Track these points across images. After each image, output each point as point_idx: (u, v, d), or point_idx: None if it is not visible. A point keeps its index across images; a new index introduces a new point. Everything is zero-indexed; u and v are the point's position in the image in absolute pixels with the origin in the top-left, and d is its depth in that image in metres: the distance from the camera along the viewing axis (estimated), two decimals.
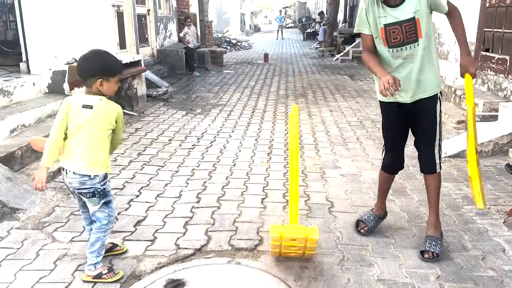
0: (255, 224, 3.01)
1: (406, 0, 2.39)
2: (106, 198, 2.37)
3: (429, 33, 2.44)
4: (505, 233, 2.85)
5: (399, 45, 2.43)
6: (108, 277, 2.36)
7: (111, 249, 2.64)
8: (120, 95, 6.34)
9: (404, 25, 2.38)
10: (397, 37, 2.41)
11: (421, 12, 2.36)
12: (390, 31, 2.42)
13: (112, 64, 2.28)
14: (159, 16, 10.37)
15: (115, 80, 2.27)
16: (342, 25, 18.91)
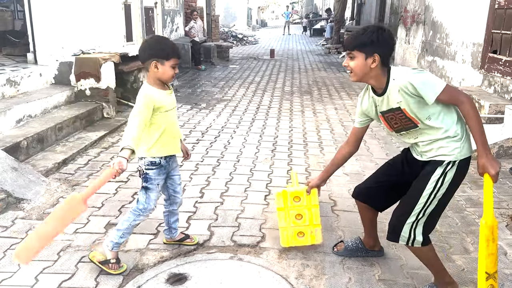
0: (257, 220, 3.02)
1: (387, 89, 2.06)
2: (147, 183, 2.38)
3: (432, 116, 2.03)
4: (507, 236, 2.85)
5: (402, 129, 2.14)
6: (112, 269, 2.38)
7: (183, 239, 2.68)
8: (126, 87, 6.36)
9: (396, 113, 2.09)
10: (397, 122, 2.13)
11: (406, 102, 2.01)
12: (388, 117, 2.14)
13: (163, 47, 2.27)
14: (166, 9, 10.36)
15: (171, 64, 2.24)
16: (349, 23, 18.82)
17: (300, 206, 2.58)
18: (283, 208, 2.59)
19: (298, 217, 2.59)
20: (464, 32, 7.00)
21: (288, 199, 2.57)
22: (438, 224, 2.99)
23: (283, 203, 2.58)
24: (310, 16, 32.46)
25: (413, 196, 2.11)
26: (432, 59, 8.50)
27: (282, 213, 2.59)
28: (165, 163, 2.41)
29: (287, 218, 2.59)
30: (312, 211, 2.59)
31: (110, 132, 4.99)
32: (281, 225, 2.60)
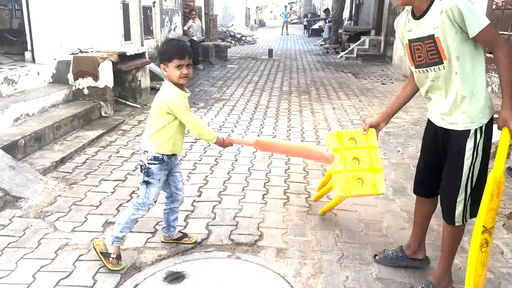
0: (255, 219, 3.02)
1: (429, 11, 1.96)
2: (148, 178, 2.40)
3: (461, 57, 1.92)
4: (504, 235, 2.86)
5: (423, 65, 2.04)
6: (111, 263, 2.39)
7: (180, 238, 2.69)
8: (124, 86, 6.36)
9: (425, 43, 1.98)
10: (421, 55, 2.02)
11: (443, 29, 1.90)
12: (414, 47, 2.04)
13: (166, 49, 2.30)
14: (165, 9, 10.36)
15: (174, 65, 2.25)
16: (347, 23, 18.84)
17: (357, 149, 2.28)
18: (338, 149, 2.28)
19: (355, 161, 2.26)
20: None
21: (343, 140, 2.27)
22: (435, 223, 3.03)
23: (338, 143, 2.28)
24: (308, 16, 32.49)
25: (455, 175, 2.05)
26: None
27: (337, 155, 2.28)
28: (168, 159, 2.41)
29: (342, 162, 2.26)
30: (372, 154, 2.27)
31: (108, 131, 4.99)
32: (336, 169, 2.27)
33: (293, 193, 3.49)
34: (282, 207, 3.23)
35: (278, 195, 3.44)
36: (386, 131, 5.37)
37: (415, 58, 2.06)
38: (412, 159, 4.34)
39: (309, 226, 2.95)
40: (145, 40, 8.79)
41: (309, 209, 3.20)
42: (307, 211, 3.17)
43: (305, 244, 2.72)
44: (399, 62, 10.83)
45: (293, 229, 2.90)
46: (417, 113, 6.29)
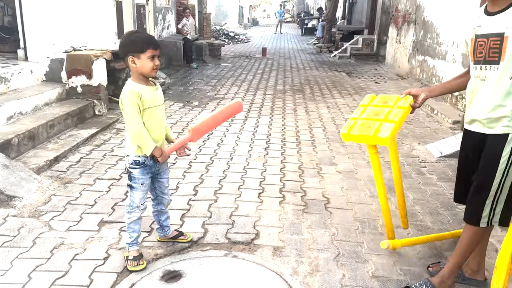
0: (252, 218, 3.02)
1: (507, 10, 1.95)
2: (130, 182, 2.39)
3: None
4: (498, 233, 2.88)
5: (481, 62, 2.04)
6: (130, 265, 2.40)
7: (176, 237, 2.68)
8: (117, 85, 6.31)
9: (490, 40, 1.99)
10: (482, 51, 2.03)
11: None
12: (479, 42, 2.04)
13: (136, 40, 2.24)
14: (158, 7, 10.30)
15: (147, 56, 2.21)
16: (340, 22, 18.89)
17: (383, 106, 2.26)
18: (365, 105, 2.33)
19: (375, 114, 2.24)
20: (455, 32, 7.07)
21: (374, 100, 2.33)
22: (429, 221, 3.05)
23: (368, 102, 2.33)
24: (302, 15, 32.52)
25: (487, 176, 2.04)
26: (423, 58, 8.57)
27: (361, 108, 2.33)
28: (151, 163, 2.38)
29: (362, 113, 2.29)
30: (394, 111, 2.20)
31: (101, 130, 4.96)
32: (353, 115, 2.32)
33: (289, 191, 3.50)
34: (278, 206, 3.23)
35: (274, 194, 3.44)
36: None
37: (476, 53, 2.06)
38: (405, 158, 4.37)
39: (305, 224, 2.96)
40: None
41: (305, 208, 3.21)
42: (303, 210, 3.17)
43: (302, 242, 2.72)
44: (392, 61, 10.88)
45: (289, 227, 2.91)
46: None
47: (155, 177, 2.48)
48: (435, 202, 3.36)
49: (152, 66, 2.23)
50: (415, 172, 3.99)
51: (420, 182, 3.75)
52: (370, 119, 2.22)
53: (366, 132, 2.15)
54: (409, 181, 3.78)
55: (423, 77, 8.56)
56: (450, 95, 6.36)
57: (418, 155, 4.47)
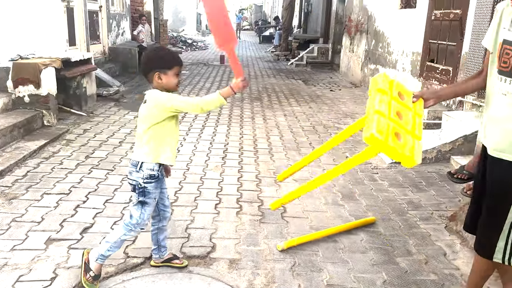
0: (208, 230, 2.98)
1: None
2: (145, 197, 2.27)
3: None
4: (446, 237, 3.01)
5: (505, 74, 1.76)
6: (87, 281, 2.29)
7: (170, 260, 2.54)
8: (68, 94, 6.09)
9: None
10: (506, 61, 1.75)
11: None
12: (506, 49, 1.76)
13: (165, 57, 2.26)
14: (112, 13, 10.06)
15: (174, 73, 2.22)
16: (297, 31, 19.24)
17: (404, 106, 1.98)
18: (386, 92, 1.96)
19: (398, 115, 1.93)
20: (404, 42, 7.38)
21: (392, 88, 1.99)
22: (381, 227, 3.13)
23: (387, 88, 1.98)
24: (259, 23, 32.84)
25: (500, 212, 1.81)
26: (375, 67, 8.87)
27: (383, 97, 1.94)
28: (161, 175, 2.33)
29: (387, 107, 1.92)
30: (416, 121, 1.97)
31: (51, 141, 4.74)
32: (379, 108, 1.88)
33: (246, 201, 3.49)
34: (235, 217, 3.21)
35: (231, 204, 3.42)
36: None
37: (501, 62, 1.78)
38: (359, 165, 4.47)
39: (262, 235, 2.95)
40: (91, 45, 8.49)
41: (262, 218, 3.21)
42: (260, 220, 3.17)
43: (258, 253, 2.71)
44: (346, 70, 11.18)
45: (246, 238, 2.89)
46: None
47: None
48: (386, 208, 3.45)
49: (177, 82, 2.26)
50: (367, 179, 4.10)
51: (372, 189, 3.86)
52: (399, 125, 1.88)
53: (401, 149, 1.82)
54: (362, 187, 3.88)
55: None
56: None
57: (371, 161, 4.59)
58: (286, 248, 2.76)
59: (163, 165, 2.33)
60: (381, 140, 1.76)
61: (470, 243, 2.85)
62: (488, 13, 4.78)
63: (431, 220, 3.27)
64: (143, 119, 2.27)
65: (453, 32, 5.82)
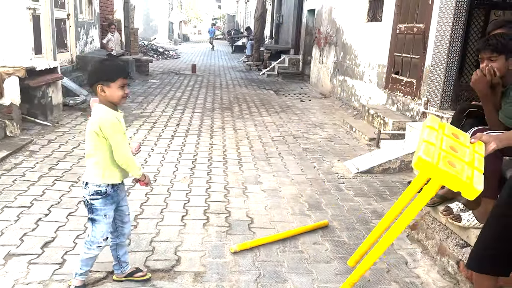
0: (173, 243, 2.95)
1: None
2: (92, 215, 2.25)
3: None
4: (408, 246, 3.09)
5: None
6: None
7: (132, 273, 2.48)
8: (33, 103, 5.94)
9: None
10: None
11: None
12: None
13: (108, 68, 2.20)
14: (80, 21, 9.90)
15: (118, 85, 2.17)
16: (268, 41, 19.44)
17: (459, 143, 1.86)
18: (436, 129, 1.87)
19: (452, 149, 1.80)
20: (371, 54, 7.58)
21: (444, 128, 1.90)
22: (345, 236, 3.19)
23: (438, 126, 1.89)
24: (232, 33, 33.03)
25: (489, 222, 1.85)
26: (343, 78, 9.07)
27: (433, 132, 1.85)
28: (112, 191, 2.27)
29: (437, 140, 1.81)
30: (476, 156, 1.82)
31: (13, 152, 4.60)
32: (427, 138, 1.78)
33: (213, 212, 3.48)
34: (201, 228, 3.20)
35: (197, 216, 3.40)
36: (304, 147, 5.58)
37: None
38: (326, 175, 4.55)
39: (228, 246, 2.95)
40: (59, 53, 8.31)
41: (229, 229, 3.21)
42: (226, 231, 3.17)
43: (224, 266, 2.71)
44: (316, 81, 11.37)
45: (212, 251, 2.88)
46: (332, 130, 6.62)
47: (116, 206, 2.35)
48: (351, 217, 3.52)
49: (122, 95, 2.19)
50: (334, 188, 4.17)
51: (338, 198, 3.92)
52: (453, 156, 1.75)
53: (457, 173, 1.65)
54: (329, 197, 3.94)
55: (343, 96, 9.03)
56: (367, 113, 6.76)
57: (337, 171, 4.67)
58: (238, 250, 2.83)
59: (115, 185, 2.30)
60: (430, 162, 1.63)
61: (431, 252, 2.94)
62: (448, 28, 4.98)
63: None
64: (88, 135, 2.23)
65: (417, 45, 6.03)
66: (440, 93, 5.18)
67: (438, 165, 1.62)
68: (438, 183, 1.64)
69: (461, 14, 4.90)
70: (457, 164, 1.69)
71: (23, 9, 6.58)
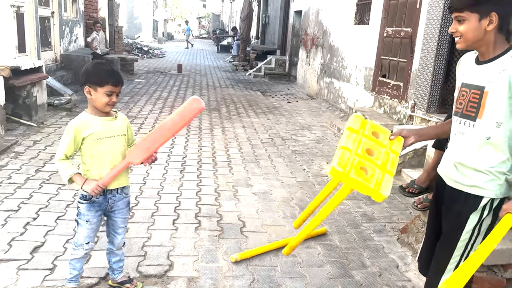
0: (165, 247, 2.93)
1: (495, 60, 1.73)
2: (76, 217, 2.26)
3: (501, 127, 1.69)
4: (398, 249, 3.13)
5: (458, 114, 1.83)
6: None
7: (123, 283, 2.44)
8: (17, 103, 5.81)
9: (471, 91, 1.77)
10: (462, 103, 1.81)
11: (498, 89, 1.67)
12: (461, 91, 1.83)
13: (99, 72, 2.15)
14: (65, 19, 9.73)
15: (104, 91, 2.11)
16: (254, 41, 19.44)
17: (377, 143, 1.94)
18: (356, 131, 1.94)
19: (368, 152, 1.90)
20: (358, 57, 7.65)
21: (365, 127, 1.97)
22: (337, 240, 3.21)
23: (358, 126, 1.96)
24: (217, 32, 32.93)
25: (447, 248, 1.84)
26: (330, 80, 9.13)
27: (352, 134, 1.93)
28: (101, 199, 2.22)
29: (355, 143, 1.89)
30: (390, 156, 1.92)
31: None
32: (344, 144, 1.87)
33: (205, 216, 3.47)
34: (193, 232, 3.18)
35: (189, 220, 3.38)
36: (293, 149, 5.60)
37: (457, 102, 1.85)
38: (316, 177, 4.57)
39: (221, 250, 2.94)
40: (43, 52, 8.15)
41: (221, 233, 3.20)
42: (219, 235, 3.16)
43: (217, 270, 2.70)
44: (302, 82, 11.43)
45: (204, 255, 2.87)
46: (320, 132, 6.66)
47: (109, 214, 2.31)
48: (342, 221, 3.55)
49: (107, 102, 2.14)
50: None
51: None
52: (366, 160, 1.86)
53: (366, 181, 1.78)
54: None
55: (330, 98, 9.10)
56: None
57: (327, 174, 4.70)
58: (239, 260, 2.79)
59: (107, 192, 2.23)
60: (341, 172, 1.76)
61: None
62: (436, 33, 5.06)
63: (384, 232, 3.40)
64: None
65: (404, 49, 6.11)
66: (427, 96, 5.27)
67: (349, 174, 1.77)
68: (349, 188, 1.81)
69: (448, 18, 4.99)
70: (369, 169, 1.83)
71: (7, 6, 6.43)
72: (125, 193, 2.32)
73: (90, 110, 2.20)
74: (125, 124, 2.30)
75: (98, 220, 2.28)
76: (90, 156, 2.18)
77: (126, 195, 2.33)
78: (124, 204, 2.34)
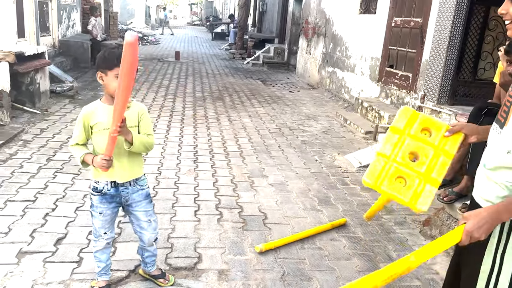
0: (191, 239, 2.89)
1: None
2: (90, 208, 2.22)
3: None
4: (422, 242, 3.13)
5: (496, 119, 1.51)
6: None
7: (156, 277, 2.40)
8: (21, 90, 5.68)
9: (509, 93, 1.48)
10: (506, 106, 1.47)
11: None
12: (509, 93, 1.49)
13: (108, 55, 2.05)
14: (63, 4, 9.51)
15: (114, 74, 2.00)
16: (251, 29, 19.25)
17: (426, 143, 1.66)
18: (400, 131, 1.68)
19: (411, 155, 1.65)
20: (363, 47, 7.60)
21: (414, 124, 1.68)
22: (360, 232, 3.20)
23: (404, 125, 1.68)
24: (211, 19, 32.54)
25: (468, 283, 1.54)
26: (333, 70, 9.08)
27: (394, 136, 1.67)
28: (113, 191, 2.16)
29: (396, 148, 1.65)
30: (440, 160, 1.63)
31: (6, 142, 4.39)
32: (382, 151, 1.65)
33: (226, 207, 3.43)
34: (216, 224, 3.14)
35: (210, 211, 3.34)
36: (302, 139, 5.57)
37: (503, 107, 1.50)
38: (330, 168, 4.56)
39: (247, 243, 2.91)
40: (41, 37, 7.98)
41: (244, 224, 3.17)
42: (242, 227, 3.13)
43: (246, 263, 2.67)
44: (302, 71, 11.36)
45: (231, 247, 2.84)
46: (326, 122, 6.64)
47: (128, 209, 2.24)
48: (362, 213, 3.54)
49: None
50: (339, 183, 4.18)
51: (346, 193, 3.94)
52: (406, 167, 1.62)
53: (400, 194, 1.58)
54: (336, 192, 3.95)
55: (332, 87, 9.06)
56: (361, 106, 6.81)
57: (340, 165, 4.69)
58: (264, 250, 2.79)
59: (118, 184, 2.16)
60: (371, 184, 1.60)
61: None
62: (448, 23, 5.03)
63: (405, 224, 3.40)
64: None
65: (413, 39, 6.08)
66: (438, 88, 5.26)
67: (380, 187, 1.60)
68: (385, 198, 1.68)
69: (462, 9, 4.96)
70: (408, 179, 1.61)
71: None
72: (140, 185, 2.23)
73: (104, 98, 2.14)
74: (136, 115, 2.15)
75: (113, 212, 2.23)
76: (97, 145, 2.13)
77: (142, 187, 2.24)
78: (142, 197, 2.24)
